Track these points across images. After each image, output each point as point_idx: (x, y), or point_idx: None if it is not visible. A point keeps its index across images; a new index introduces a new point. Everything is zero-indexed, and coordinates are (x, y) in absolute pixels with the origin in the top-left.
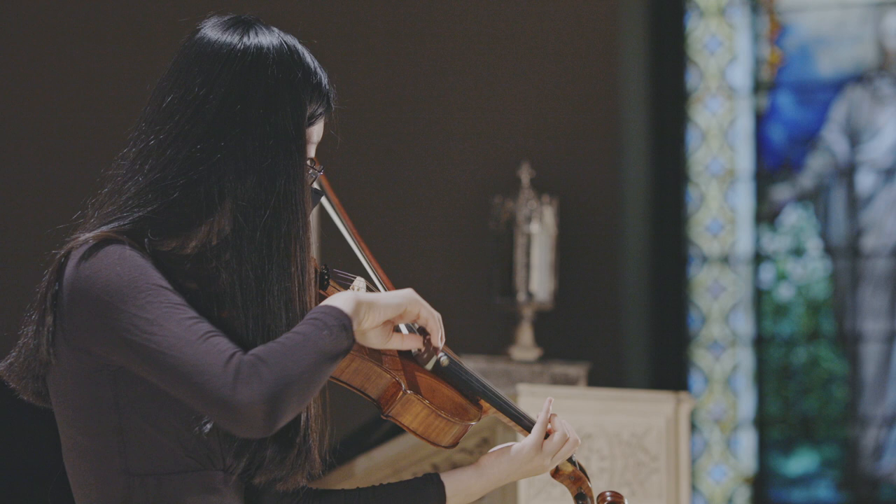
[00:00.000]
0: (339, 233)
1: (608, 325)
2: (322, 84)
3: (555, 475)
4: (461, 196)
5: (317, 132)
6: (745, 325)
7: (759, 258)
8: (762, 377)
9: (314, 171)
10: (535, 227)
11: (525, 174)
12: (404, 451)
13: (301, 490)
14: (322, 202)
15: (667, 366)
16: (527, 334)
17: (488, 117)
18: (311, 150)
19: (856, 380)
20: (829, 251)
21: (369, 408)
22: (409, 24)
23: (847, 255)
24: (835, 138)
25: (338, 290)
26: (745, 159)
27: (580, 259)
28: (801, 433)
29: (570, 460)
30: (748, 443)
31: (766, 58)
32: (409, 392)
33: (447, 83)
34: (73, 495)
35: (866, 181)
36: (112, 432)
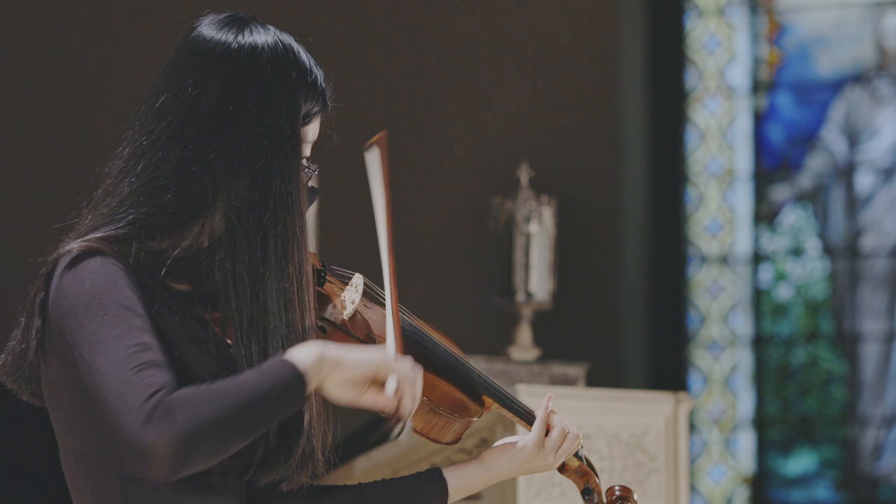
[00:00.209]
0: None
1: (607, 325)
2: (317, 82)
3: (561, 470)
4: (460, 196)
5: (312, 131)
6: (744, 325)
7: (758, 258)
8: (761, 377)
9: (310, 170)
10: (534, 227)
11: (524, 174)
12: (404, 451)
13: (303, 488)
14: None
15: (666, 366)
16: (526, 334)
17: (487, 117)
18: (306, 149)
19: (855, 380)
20: (828, 251)
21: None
22: (409, 24)
23: (846, 255)
24: (834, 138)
25: (335, 286)
26: (744, 159)
27: (579, 259)
28: (801, 433)
29: (577, 455)
30: (747, 443)
31: (765, 58)
32: None
33: (446, 83)
34: (71, 499)
35: (865, 181)
36: (105, 438)
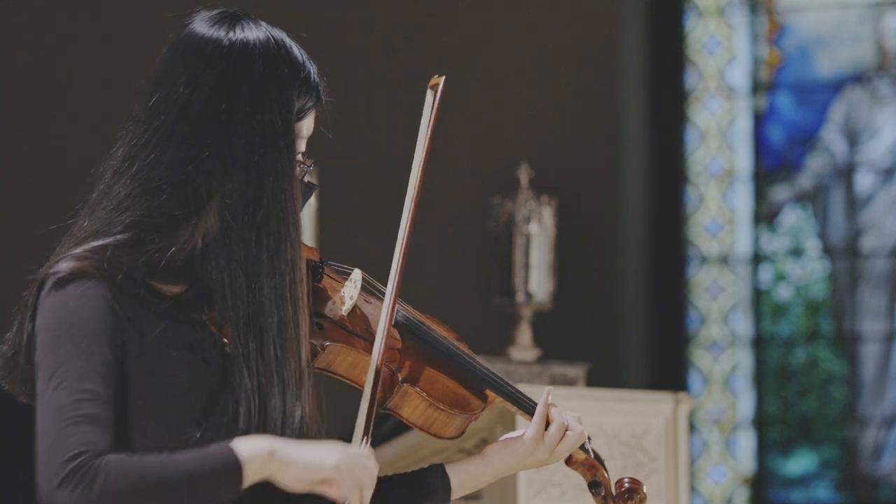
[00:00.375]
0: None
1: (607, 325)
2: (311, 77)
3: (568, 463)
4: (460, 196)
5: (307, 126)
6: (743, 325)
7: (757, 258)
8: (761, 378)
9: (304, 165)
10: (533, 228)
11: (524, 174)
12: (404, 450)
13: None
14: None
15: (665, 366)
16: (525, 335)
17: (487, 117)
18: (301, 145)
19: (855, 380)
20: (828, 251)
21: None
22: (408, 24)
23: (846, 255)
24: (834, 138)
25: (334, 281)
26: (743, 159)
27: (579, 259)
28: (800, 434)
29: (584, 448)
30: (747, 443)
31: (765, 58)
32: (405, 385)
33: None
34: None
35: (865, 181)
36: None
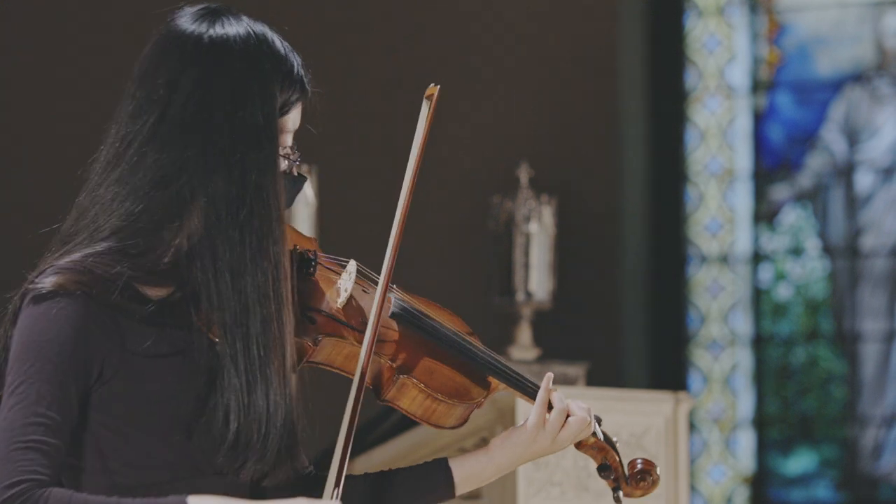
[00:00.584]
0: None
1: (607, 324)
2: (294, 70)
3: (578, 447)
4: (460, 195)
5: (293, 120)
6: (743, 324)
7: (757, 258)
8: (761, 377)
9: (291, 160)
10: (533, 227)
11: (524, 174)
12: (404, 450)
13: (307, 476)
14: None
15: (665, 365)
16: (525, 334)
17: (486, 116)
18: (287, 139)
19: (855, 379)
20: (828, 251)
21: (368, 408)
22: (408, 23)
23: (846, 254)
24: (833, 138)
25: (329, 272)
26: (743, 159)
27: (579, 259)
28: (800, 433)
29: (594, 432)
30: (747, 443)
31: (765, 57)
32: (402, 376)
33: (446, 82)
34: None
35: (865, 181)
36: (91, 452)
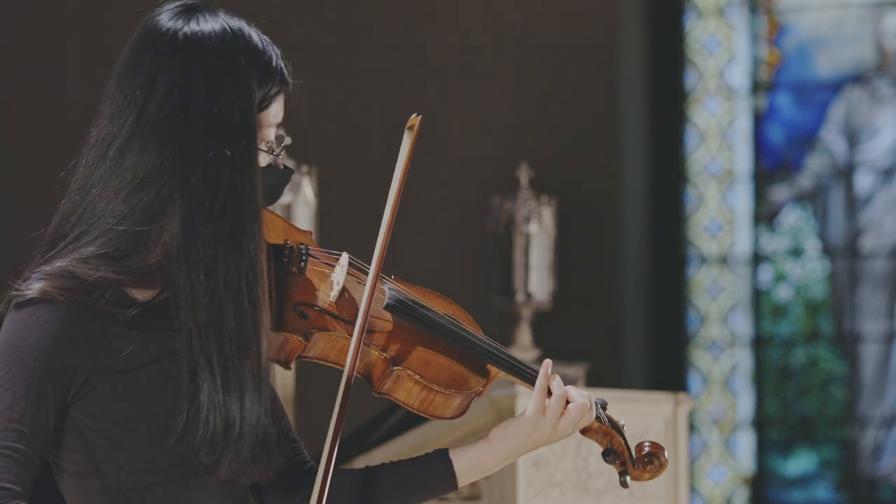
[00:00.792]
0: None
1: (607, 325)
2: (272, 63)
3: (583, 432)
4: (460, 196)
5: (274, 114)
6: (743, 325)
7: (757, 259)
8: (761, 378)
9: (274, 154)
10: (533, 228)
11: (524, 174)
12: (404, 450)
13: (308, 472)
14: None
15: (665, 366)
16: (525, 335)
17: (487, 117)
18: (270, 133)
19: (854, 380)
20: (828, 251)
21: (368, 408)
22: (408, 24)
23: (846, 255)
24: (833, 138)
25: (321, 265)
26: (743, 160)
27: (579, 259)
28: (800, 434)
29: (597, 417)
30: (747, 443)
31: (765, 58)
32: (397, 368)
33: (446, 83)
34: None
35: (865, 181)
36: (82, 456)
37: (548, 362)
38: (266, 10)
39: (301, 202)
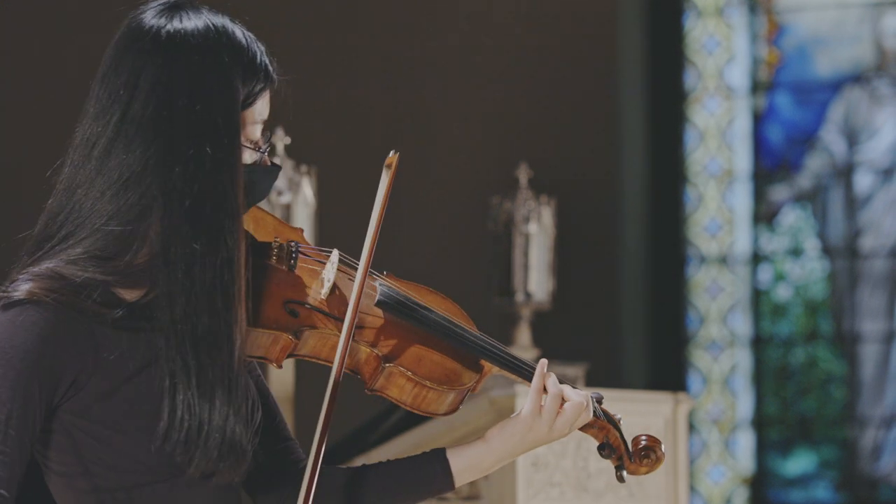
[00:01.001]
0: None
1: (606, 325)
2: (256, 60)
3: (580, 427)
4: (459, 196)
5: (259, 111)
6: (743, 325)
7: (757, 258)
8: (760, 378)
9: (260, 151)
10: (533, 228)
11: (523, 174)
12: (404, 450)
13: (299, 469)
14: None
15: (665, 366)
16: (525, 334)
17: (486, 117)
18: (255, 130)
19: (854, 380)
20: (828, 251)
21: (367, 408)
22: (408, 23)
23: (845, 255)
24: (833, 138)
25: (312, 262)
26: (743, 159)
27: (578, 259)
28: (800, 434)
29: (594, 412)
30: (746, 443)
31: (764, 58)
32: (389, 365)
33: (445, 83)
34: None
35: (864, 181)
36: (71, 456)
37: (543, 361)
38: (266, 11)
39: (301, 202)
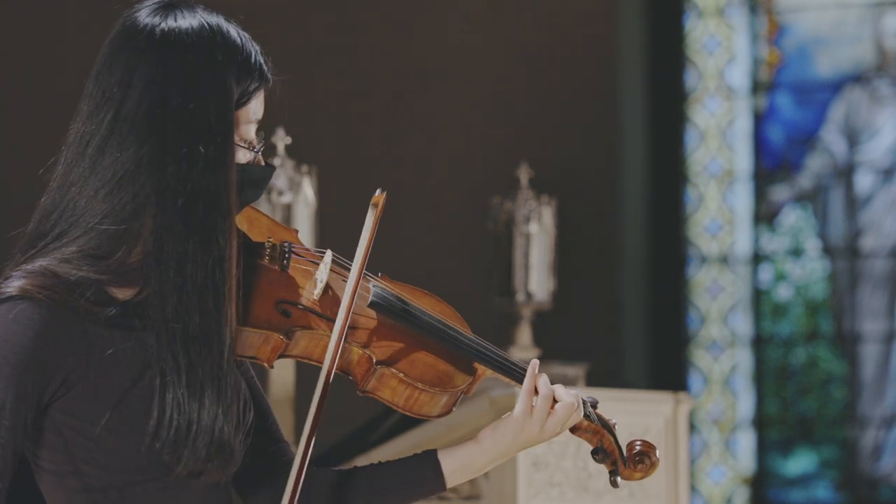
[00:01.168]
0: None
1: (607, 325)
2: (251, 59)
3: (572, 430)
4: (460, 196)
5: (253, 110)
6: (743, 325)
7: (757, 258)
8: (761, 377)
9: (254, 151)
10: (533, 228)
11: (524, 174)
12: (404, 450)
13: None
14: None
15: (665, 366)
16: (525, 334)
17: (486, 117)
18: (249, 130)
19: (854, 380)
20: (828, 251)
21: (367, 408)
22: (408, 23)
23: (846, 255)
24: (833, 138)
25: (306, 263)
26: (743, 160)
27: (579, 259)
28: (800, 434)
29: (587, 415)
30: (747, 443)
31: (765, 58)
32: (381, 366)
33: (445, 82)
34: None
35: (865, 181)
36: (62, 455)
37: (535, 362)
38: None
39: (301, 202)
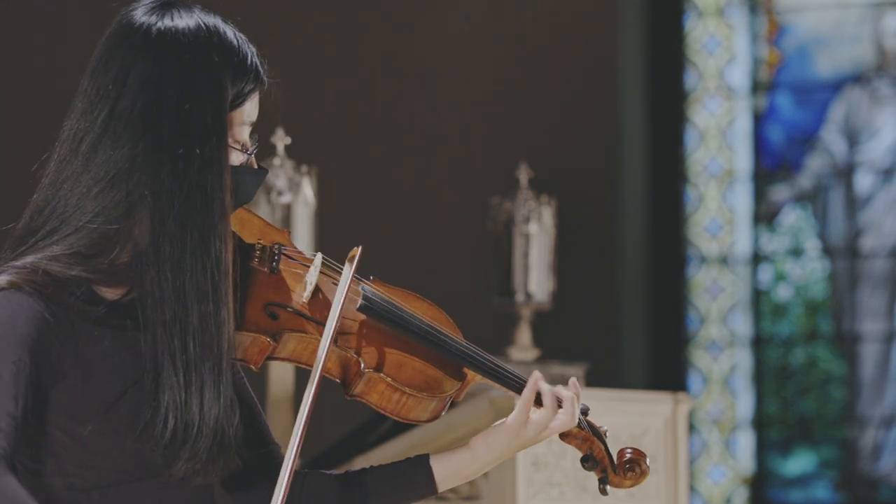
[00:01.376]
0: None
1: (606, 325)
2: (247, 61)
3: (562, 437)
4: (459, 196)
5: (248, 112)
6: (743, 325)
7: (757, 258)
8: (760, 378)
9: (247, 153)
10: (533, 228)
11: (523, 174)
12: (403, 451)
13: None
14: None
15: (665, 366)
16: (525, 335)
17: (486, 117)
18: (244, 131)
19: (854, 380)
20: (828, 251)
21: (366, 408)
22: (407, 23)
23: (845, 255)
24: (833, 139)
25: (296, 265)
26: (743, 160)
27: (579, 259)
28: (800, 434)
29: (578, 423)
30: (746, 443)
31: (765, 58)
32: (369, 371)
33: (445, 82)
34: None
35: (865, 181)
36: (45, 453)
37: (537, 374)
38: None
39: (301, 202)
